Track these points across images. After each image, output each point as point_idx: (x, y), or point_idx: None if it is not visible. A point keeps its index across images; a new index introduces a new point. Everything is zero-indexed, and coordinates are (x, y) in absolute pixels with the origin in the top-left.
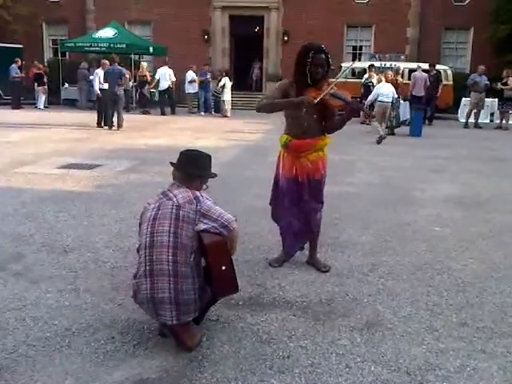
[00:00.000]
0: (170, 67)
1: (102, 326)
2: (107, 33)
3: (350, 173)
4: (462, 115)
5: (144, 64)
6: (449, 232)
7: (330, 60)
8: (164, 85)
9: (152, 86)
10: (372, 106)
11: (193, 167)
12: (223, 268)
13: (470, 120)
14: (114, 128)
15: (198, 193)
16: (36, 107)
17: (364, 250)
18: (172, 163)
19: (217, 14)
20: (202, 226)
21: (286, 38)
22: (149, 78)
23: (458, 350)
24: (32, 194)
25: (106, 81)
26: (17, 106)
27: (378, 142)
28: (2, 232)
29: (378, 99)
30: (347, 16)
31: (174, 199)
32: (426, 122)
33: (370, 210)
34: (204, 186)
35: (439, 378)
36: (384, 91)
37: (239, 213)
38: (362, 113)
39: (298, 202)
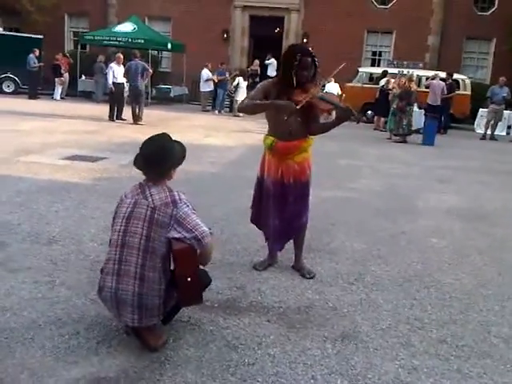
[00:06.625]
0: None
1: (70, 320)
2: (126, 27)
3: (354, 178)
4: (478, 126)
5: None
6: (445, 244)
7: (316, 63)
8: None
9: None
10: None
11: (158, 165)
12: (188, 279)
13: (487, 132)
14: (127, 121)
15: (176, 196)
16: (53, 98)
17: (353, 258)
18: (136, 166)
19: (237, 14)
20: (174, 234)
21: (305, 41)
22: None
23: (432, 368)
24: (30, 183)
25: (127, 75)
26: (33, 95)
27: None
28: None
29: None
30: (368, 21)
31: (150, 199)
32: (441, 130)
33: (368, 217)
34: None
35: None
36: (331, 89)
37: (232, 213)
38: (375, 118)
39: (282, 205)
